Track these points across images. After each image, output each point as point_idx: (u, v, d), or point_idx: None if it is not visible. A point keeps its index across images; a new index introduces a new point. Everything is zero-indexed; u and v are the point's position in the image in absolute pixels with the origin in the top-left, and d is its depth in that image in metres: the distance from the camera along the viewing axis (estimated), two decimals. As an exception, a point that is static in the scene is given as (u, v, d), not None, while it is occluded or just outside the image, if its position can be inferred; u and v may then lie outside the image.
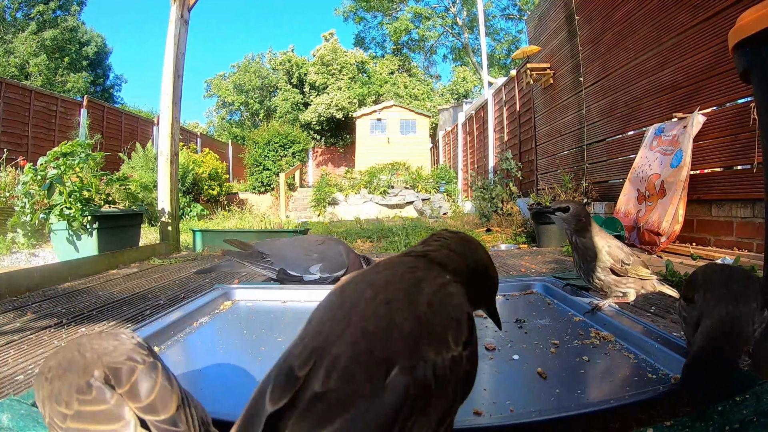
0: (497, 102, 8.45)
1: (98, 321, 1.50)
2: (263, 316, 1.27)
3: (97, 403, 0.47)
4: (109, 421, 0.46)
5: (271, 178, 12.84)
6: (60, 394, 0.49)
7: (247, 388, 0.80)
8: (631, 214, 3.29)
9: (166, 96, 3.73)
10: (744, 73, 0.97)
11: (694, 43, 3.00)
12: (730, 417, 0.61)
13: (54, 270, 2.32)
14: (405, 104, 17.17)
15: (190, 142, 12.12)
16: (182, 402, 0.51)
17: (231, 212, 9.14)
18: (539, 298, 1.38)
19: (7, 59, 17.06)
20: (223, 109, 23.79)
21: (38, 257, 3.59)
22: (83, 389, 0.48)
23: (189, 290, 2.00)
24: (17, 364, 1.09)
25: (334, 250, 1.69)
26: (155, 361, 0.54)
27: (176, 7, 3.71)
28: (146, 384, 0.50)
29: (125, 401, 0.48)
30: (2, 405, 0.65)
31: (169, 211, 3.73)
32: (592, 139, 4.56)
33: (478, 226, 6.54)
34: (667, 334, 0.89)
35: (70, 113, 8.54)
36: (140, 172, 7.56)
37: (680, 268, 2.08)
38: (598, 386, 0.77)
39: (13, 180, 4.61)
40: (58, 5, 18.50)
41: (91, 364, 0.51)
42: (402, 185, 11.88)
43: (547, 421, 0.63)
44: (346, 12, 23.57)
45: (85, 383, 0.49)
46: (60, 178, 2.82)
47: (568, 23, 5.00)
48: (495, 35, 23.09)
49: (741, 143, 2.62)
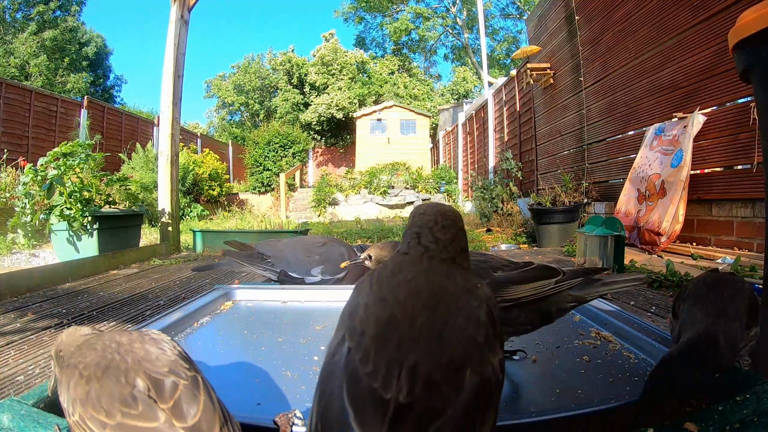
0: (497, 102, 8.45)
1: (99, 321, 1.50)
2: (264, 317, 1.27)
3: (145, 419, 0.46)
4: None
5: (272, 178, 12.85)
6: (99, 399, 0.47)
7: (247, 388, 0.80)
8: (631, 213, 3.29)
9: (167, 96, 3.74)
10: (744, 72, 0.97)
11: (694, 43, 3.00)
12: (730, 417, 0.61)
13: (54, 270, 2.32)
14: (405, 104, 17.18)
15: (190, 142, 12.13)
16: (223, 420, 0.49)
17: (231, 213, 9.15)
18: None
19: (7, 60, 17.07)
20: (223, 110, 23.80)
21: (39, 258, 3.59)
22: (127, 401, 0.47)
23: (189, 291, 2.00)
24: (18, 364, 1.09)
25: (335, 252, 1.68)
26: (197, 376, 0.52)
27: (176, 8, 3.72)
28: (190, 402, 0.48)
29: (172, 420, 0.46)
30: (3, 405, 0.65)
31: (170, 211, 3.73)
32: (593, 139, 4.56)
33: (479, 226, 6.54)
34: (667, 334, 0.89)
35: (71, 114, 8.55)
36: (140, 172, 7.57)
37: (680, 268, 2.08)
38: (598, 386, 0.77)
39: (14, 180, 4.61)
40: (58, 5, 18.50)
41: (132, 370, 0.49)
42: (402, 185, 11.89)
43: (547, 421, 0.63)
44: (346, 13, 23.60)
45: (129, 394, 0.47)
46: (60, 179, 2.83)
47: (568, 23, 5.00)
48: (495, 35, 23.10)
49: (741, 143, 2.62)
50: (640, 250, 3.04)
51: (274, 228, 5.80)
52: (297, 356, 0.94)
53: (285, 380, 0.82)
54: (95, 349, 0.53)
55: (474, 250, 4.23)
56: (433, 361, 0.40)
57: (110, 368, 0.49)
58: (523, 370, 0.85)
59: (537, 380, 0.80)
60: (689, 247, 2.85)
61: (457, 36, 23.12)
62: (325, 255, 1.67)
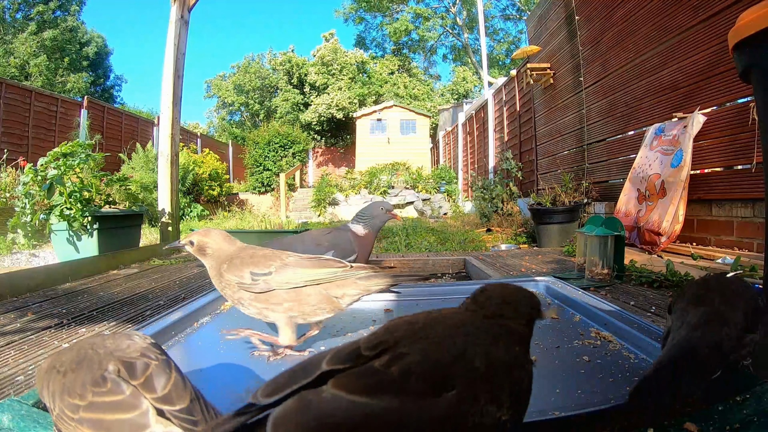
0: (497, 102, 8.44)
1: (99, 321, 1.50)
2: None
3: (113, 394, 0.48)
4: (125, 410, 0.47)
5: (272, 178, 12.85)
6: (73, 386, 0.49)
7: (247, 388, 0.80)
8: (631, 214, 3.29)
9: (167, 96, 3.74)
10: (744, 72, 0.97)
11: (694, 43, 3.00)
12: (731, 417, 0.61)
13: (54, 270, 2.32)
14: (405, 104, 17.17)
15: (190, 142, 12.13)
16: (195, 396, 0.51)
17: (231, 213, 9.15)
18: (540, 298, 1.38)
19: (7, 60, 17.07)
20: (223, 110, 23.80)
21: (39, 258, 3.60)
22: (98, 382, 0.49)
23: (189, 291, 2.00)
24: (18, 364, 1.09)
25: (343, 237, 1.69)
26: (168, 360, 0.55)
27: (176, 8, 3.72)
28: (161, 377, 0.50)
29: (141, 392, 0.49)
30: (3, 405, 0.65)
31: (170, 211, 3.73)
32: (593, 139, 4.56)
33: (479, 226, 6.54)
34: (667, 334, 0.89)
35: (71, 114, 8.55)
36: (140, 172, 7.57)
37: (680, 268, 2.08)
38: (598, 386, 0.77)
39: (14, 180, 4.61)
40: (58, 5, 18.50)
41: (104, 359, 0.51)
42: (402, 185, 11.88)
43: (547, 421, 0.63)
44: (347, 14, 23.59)
45: (99, 376, 0.49)
46: (60, 179, 2.82)
47: (568, 23, 5.00)
48: (495, 35, 23.10)
49: (741, 143, 2.62)
50: (640, 250, 3.04)
51: (274, 228, 5.80)
52: (297, 356, 0.94)
53: (285, 380, 0.82)
54: (71, 350, 0.55)
55: (474, 250, 4.23)
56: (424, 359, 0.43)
57: (84, 360, 0.52)
58: (523, 370, 0.85)
59: (537, 380, 0.80)
60: (689, 247, 2.85)
61: (457, 36, 23.12)
62: (333, 241, 1.69)
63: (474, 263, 2.47)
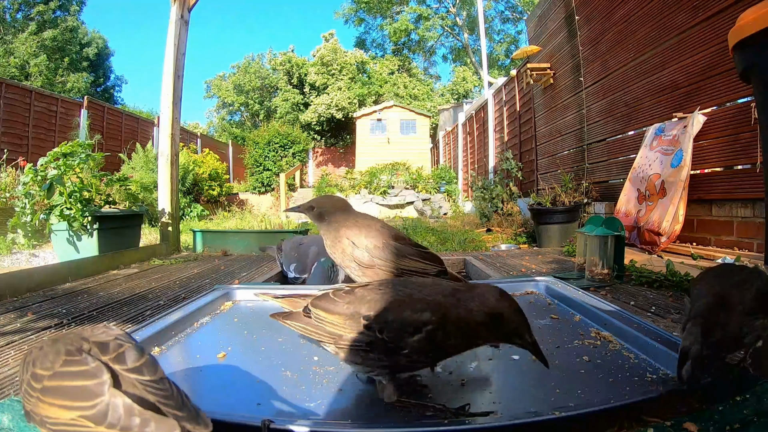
0: (497, 102, 8.44)
1: (99, 321, 1.50)
2: (264, 317, 1.26)
3: (79, 364, 0.49)
4: (85, 377, 0.48)
5: (272, 178, 12.84)
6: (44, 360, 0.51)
7: (247, 388, 0.80)
8: (631, 213, 3.29)
9: (167, 97, 3.73)
10: (744, 72, 0.97)
11: (694, 43, 3.00)
12: (730, 417, 0.61)
13: (54, 270, 2.32)
14: (405, 104, 17.16)
15: (190, 142, 12.13)
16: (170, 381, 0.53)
17: (231, 213, 9.15)
18: (540, 298, 1.38)
19: (7, 60, 17.07)
20: (223, 110, 23.80)
21: (39, 258, 3.60)
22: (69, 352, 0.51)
23: (189, 291, 2.00)
24: (18, 364, 1.09)
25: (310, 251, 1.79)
26: (143, 347, 0.56)
27: (176, 8, 3.71)
28: (132, 354, 0.52)
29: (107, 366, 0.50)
30: (3, 405, 0.65)
31: (170, 211, 3.73)
32: (593, 139, 4.56)
33: (479, 226, 6.54)
34: (667, 334, 0.89)
35: (71, 114, 8.55)
36: (140, 172, 7.57)
37: (681, 268, 2.08)
38: (598, 386, 0.77)
39: (14, 180, 4.61)
40: (58, 5, 18.50)
41: (77, 341, 0.53)
42: (402, 185, 11.88)
43: (547, 421, 0.63)
44: (346, 15, 23.59)
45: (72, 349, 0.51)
46: (60, 179, 2.82)
47: (568, 23, 4.99)
48: (495, 36, 23.10)
49: (741, 143, 2.62)
50: (640, 250, 3.04)
51: (274, 228, 5.80)
52: (297, 356, 0.94)
53: (285, 380, 0.82)
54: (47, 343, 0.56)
55: (474, 249, 4.23)
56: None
57: (58, 341, 0.54)
58: (523, 370, 0.85)
59: (537, 380, 0.80)
60: (689, 247, 2.85)
61: (457, 36, 23.12)
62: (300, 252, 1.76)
63: (474, 263, 2.47)
